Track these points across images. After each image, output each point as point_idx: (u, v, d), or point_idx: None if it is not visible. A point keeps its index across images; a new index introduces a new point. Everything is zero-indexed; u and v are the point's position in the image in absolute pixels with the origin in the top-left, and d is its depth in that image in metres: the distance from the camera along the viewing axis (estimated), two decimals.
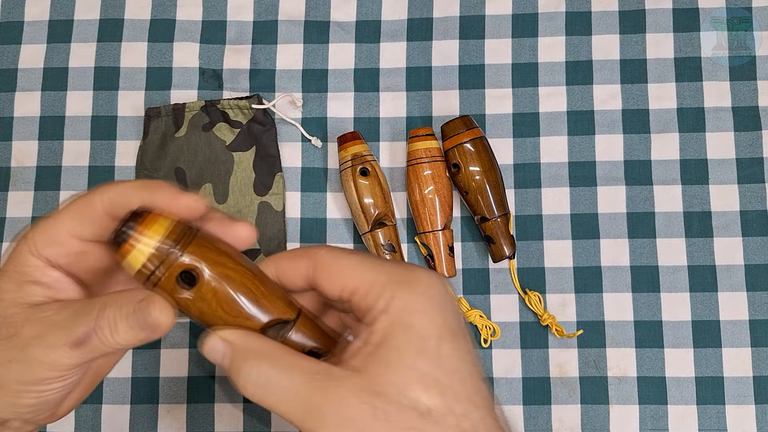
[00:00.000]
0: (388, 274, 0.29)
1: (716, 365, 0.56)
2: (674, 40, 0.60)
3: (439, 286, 0.29)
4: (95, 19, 0.62)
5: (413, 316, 0.28)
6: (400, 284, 0.29)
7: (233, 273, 0.29)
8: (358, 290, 0.29)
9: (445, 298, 0.29)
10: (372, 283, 0.29)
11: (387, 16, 0.62)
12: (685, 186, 0.58)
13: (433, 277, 0.30)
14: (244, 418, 0.57)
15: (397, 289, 0.29)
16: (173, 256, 0.29)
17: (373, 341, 0.28)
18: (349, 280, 0.30)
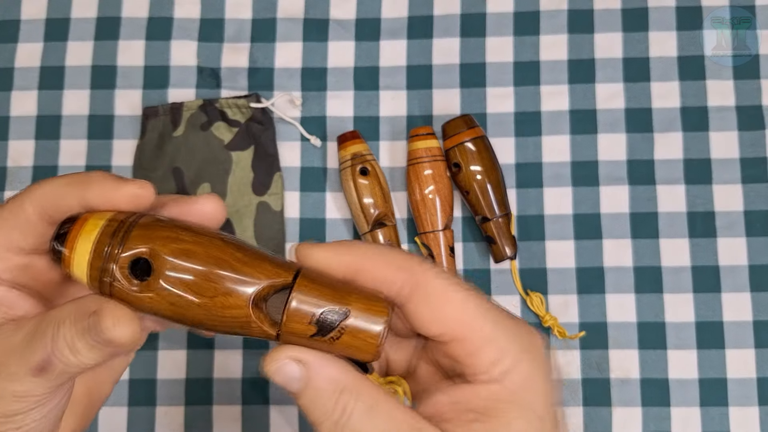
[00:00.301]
0: (507, 334, 0.25)
1: (720, 367, 0.56)
2: (677, 38, 0.60)
3: (547, 351, 0.26)
4: (92, 18, 0.62)
5: (535, 396, 0.25)
6: (523, 351, 0.25)
7: (194, 246, 0.25)
8: (467, 342, 0.25)
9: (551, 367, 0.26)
10: (487, 340, 0.24)
11: (387, 14, 0.61)
12: (689, 186, 0.58)
13: (543, 339, 0.26)
14: (242, 421, 0.56)
15: (519, 357, 0.24)
16: (115, 252, 0.25)
17: (478, 408, 0.24)
18: (457, 325, 0.25)
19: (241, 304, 0.25)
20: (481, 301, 0.25)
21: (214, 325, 0.25)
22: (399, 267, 0.26)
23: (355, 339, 0.25)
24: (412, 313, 0.26)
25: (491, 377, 0.24)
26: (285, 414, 0.56)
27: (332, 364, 0.25)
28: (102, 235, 0.25)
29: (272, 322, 0.25)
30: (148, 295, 0.25)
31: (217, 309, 0.25)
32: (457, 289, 0.25)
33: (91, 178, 0.26)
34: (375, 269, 0.26)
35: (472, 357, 0.25)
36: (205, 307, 0.25)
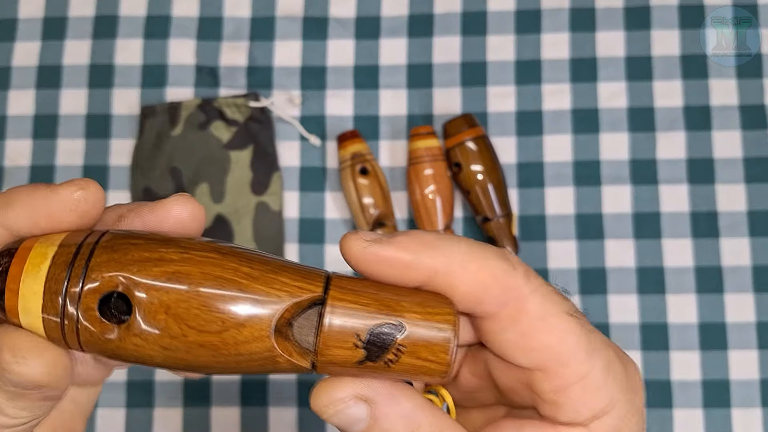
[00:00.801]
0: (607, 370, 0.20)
1: (722, 368, 0.55)
2: (680, 36, 0.60)
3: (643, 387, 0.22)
4: (90, 16, 0.62)
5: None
6: (620, 390, 0.21)
7: (184, 265, 0.19)
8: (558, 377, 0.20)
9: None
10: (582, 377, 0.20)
11: (387, 12, 0.61)
12: (692, 185, 0.58)
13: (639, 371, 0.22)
14: (241, 422, 0.56)
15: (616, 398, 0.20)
16: (75, 289, 0.18)
17: None
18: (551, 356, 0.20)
19: (260, 335, 0.19)
20: (583, 330, 0.20)
21: (227, 368, 0.19)
22: (496, 276, 0.20)
23: (418, 359, 0.19)
24: (494, 332, 0.21)
25: (578, 419, 0.20)
26: (284, 416, 0.56)
27: (404, 398, 0.19)
28: (53, 267, 0.19)
29: (303, 351, 0.19)
30: (132, 342, 0.19)
31: (228, 347, 0.19)
32: (560, 315, 0.20)
33: (12, 193, 0.20)
34: (465, 277, 0.20)
35: (559, 394, 0.20)
36: (212, 347, 0.19)
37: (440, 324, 0.19)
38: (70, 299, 0.18)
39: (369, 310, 0.19)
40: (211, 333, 0.19)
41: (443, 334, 0.19)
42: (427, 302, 0.20)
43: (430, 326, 0.19)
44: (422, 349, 0.19)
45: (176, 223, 0.21)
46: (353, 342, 0.19)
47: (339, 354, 0.19)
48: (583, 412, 0.20)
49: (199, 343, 0.19)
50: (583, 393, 0.20)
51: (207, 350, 0.19)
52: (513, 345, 0.20)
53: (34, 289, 0.19)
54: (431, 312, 0.19)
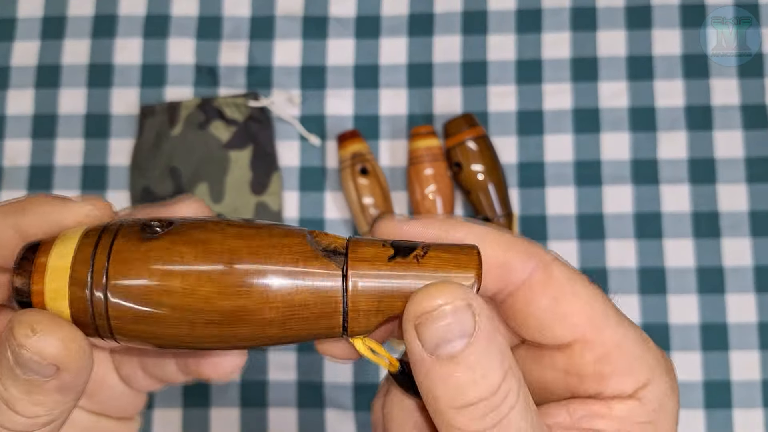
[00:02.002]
0: (638, 342, 0.20)
1: (724, 368, 0.55)
2: (681, 36, 0.60)
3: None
4: (89, 15, 0.62)
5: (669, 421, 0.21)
6: (657, 365, 0.21)
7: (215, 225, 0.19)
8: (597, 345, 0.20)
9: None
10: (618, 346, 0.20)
11: (387, 11, 0.61)
12: (693, 185, 0.58)
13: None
14: (240, 424, 0.56)
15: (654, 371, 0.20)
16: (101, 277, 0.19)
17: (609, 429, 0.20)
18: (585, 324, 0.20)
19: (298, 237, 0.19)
20: (607, 301, 0.21)
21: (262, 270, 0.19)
22: (520, 244, 0.20)
23: (447, 252, 0.19)
24: (527, 303, 0.20)
25: (625, 391, 0.20)
26: (284, 417, 0.56)
27: (499, 332, 0.18)
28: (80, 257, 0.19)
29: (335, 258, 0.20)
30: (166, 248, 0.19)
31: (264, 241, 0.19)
32: (584, 284, 0.20)
33: (27, 201, 0.20)
34: (495, 252, 0.20)
35: (601, 363, 0.20)
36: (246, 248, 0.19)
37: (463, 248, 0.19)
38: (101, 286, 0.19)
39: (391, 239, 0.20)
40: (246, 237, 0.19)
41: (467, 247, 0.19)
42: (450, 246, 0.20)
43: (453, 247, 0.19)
44: (449, 247, 0.19)
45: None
46: (381, 243, 0.19)
47: (368, 251, 0.19)
48: (629, 381, 0.20)
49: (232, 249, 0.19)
50: (624, 360, 0.20)
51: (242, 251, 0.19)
52: (549, 314, 0.20)
53: (60, 287, 0.19)
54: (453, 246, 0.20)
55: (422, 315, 0.17)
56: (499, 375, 0.17)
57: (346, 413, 0.56)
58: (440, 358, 0.17)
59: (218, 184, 0.58)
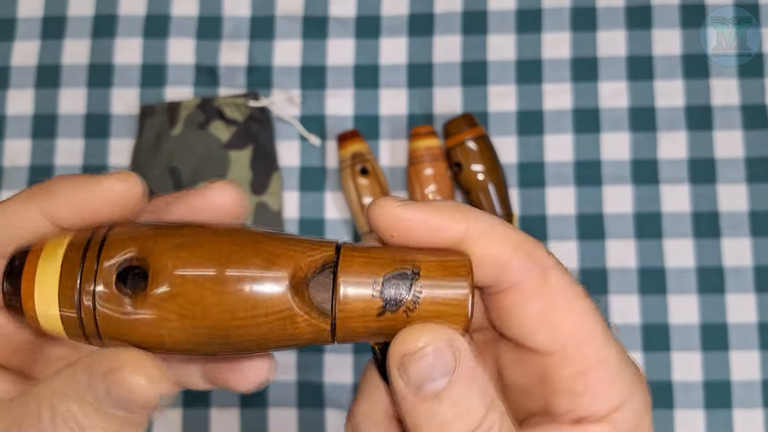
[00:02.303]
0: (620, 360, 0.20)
1: (724, 369, 0.55)
2: (681, 36, 0.60)
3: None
4: (89, 15, 0.62)
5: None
6: (633, 383, 0.20)
7: (196, 238, 0.19)
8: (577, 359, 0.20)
9: None
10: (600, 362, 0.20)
11: (387, 11, 0.61)
12: (693, 185, 0.58)
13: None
14: (240, 424, 0.56)
15: (630, 390, 0.20)
16: (92, 265, 0.19)
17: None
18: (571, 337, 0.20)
19: (278, 292, 0.19)
20: (598, 317, 0.20)
21: (244, 336, 0.19)
22: (522, 243, 0.20)
23: (436, 304, 0.19)
24: (516, 305, 0.20)
25: (597, 411, 0.20)
26: (284, 417, 0.56)
27: (481, 368, 0.18)
28: (69, 251, 0.19)
29: (322, 312, 0.19)
30: (149, 312, 0.18)
31: (246, 305, 0.19)
32: (579, 296, 0.20)
33: (55, 183, 0.20)
34: (486, 244, 0.20)
35: (578, 379, 0.20)
36: (230, 306, 0.18)
37: (456, 266, 0.19)
38: (88, 275, 0.19)
39: (382, 260, 0.19)
40: (228, 292, 0.18)
41: (460, 276, 0.19)
42: (440, 252, 0.19)
43: (445, 270, 0.19)
44: (440, 295, 0.19)
45: (222, 207, 0.21)
46: (370, 293, 0.19)
47: (357, 306, 0.19)
48: (602, 402, 0.20)
49: (216, 304, 0.18)
50: (601, 379, 0.20)
51: (224, 311, 0.18)
52: (534, 320, 0.20)
53: (51, 271, 0.19)
54: (445, 258, 0.19)
55: (405, 356, 0.18)
56: (481, 410, 0.18)
57: (345, 413, 0.56)
58: (424, 395, 0.18)
59: None
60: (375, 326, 0.19)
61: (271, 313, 0.19)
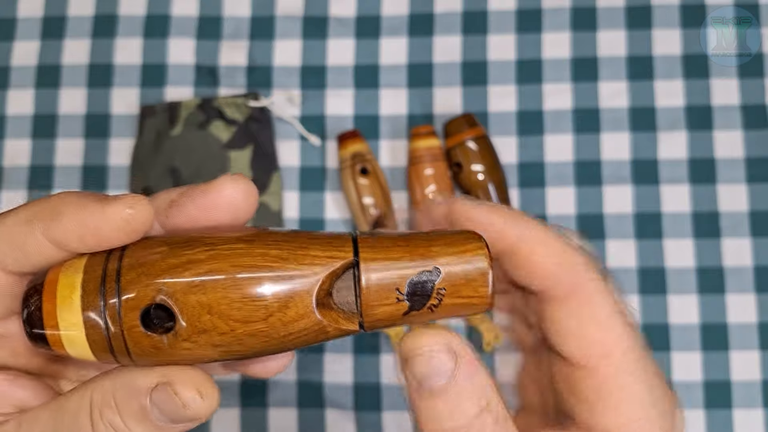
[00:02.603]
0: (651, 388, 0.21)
1: (724, 369, 0.55)
2: (681, 36, 0.60)
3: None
4: (89, 15, 0.62)
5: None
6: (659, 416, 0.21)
7: (213, 262, 0.19)
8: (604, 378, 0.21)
9: None
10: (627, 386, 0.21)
11: (387, 11, 0.61)
12: (693, 185, 0.58)
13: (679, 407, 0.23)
14: (240, 423, 0.56)
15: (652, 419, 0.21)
16: (114, 312, 0.19)
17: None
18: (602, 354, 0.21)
19: (305, 312, 0.19)
20: (637, 339, 0.21)
21: (283, 347, 0.20)
22: (575, 259, 0.21)
23: (459, 297, 0.20)
24: (557, 317, 0.21)
25: (610, 427, 0.21)
26: (284, 417, 0.56)
27: (482, 366, 0.20)
28: (85, 296, 0.19)
29: (349, 316, 0.20)
30: (183, 347, 0.19)
31: (278, 330, 0.19)
32: (620, 316, 0.21)
33: (60, 205, 0.19)
34: (548, 251, 0.21)
35: (599, 395, 0.21)
36: (262, 334, 0.19)
37: (474, 258, 0.20)
38: (111, 321, 0.19)
39: (403, 261, 0.20)
40: (258, 321, 0.19)
41: (479, 267, 0.20)
42: (457, 241, 0.20)
43: (464, 263, 0.20)
44: (462, 288, 0.20)
45: (229, 204, 0.20)
46: (395, 297, 0.20)
47: (384, 311, 0.20)
48: (617, 419, 0.21)
49: (248, 334, 0.19)
50: (623, 403, 0.21)
51: (258, 338, 0.19)
52: (567, 331, 0.21)
53: (72, 321, 0.19)
54: (462, 249, 0.20)
55: (409, 357, 0.20)
56: (473, 410, 0.19)
57: (346, 413, 0.56)
58: (423, 391, 0.19)
59: None
60: (401, 322, 0.20)
61: (303, 330, 0.19)
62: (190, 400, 0.18)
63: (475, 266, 0.20)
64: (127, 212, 0.19)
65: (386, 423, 0.56)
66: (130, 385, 0.19)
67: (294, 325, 0.19)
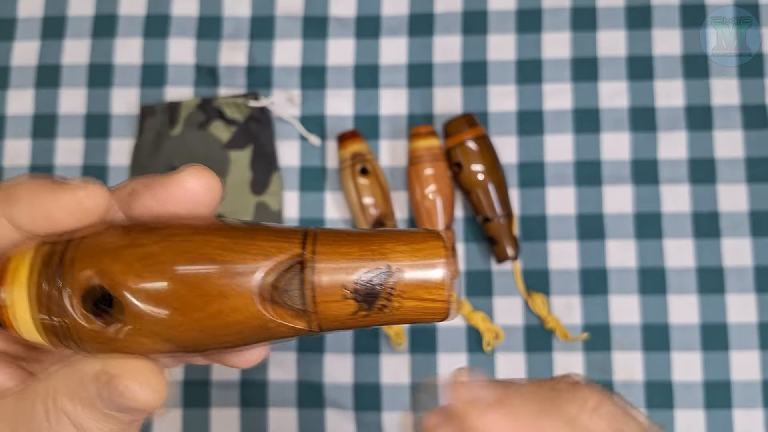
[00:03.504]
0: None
1: (724, 369, 0.55)
2: (681, 36, 0.60)
3: None
4: (89, 15, 0.62)
5: None
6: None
7: (156, 247, 0.19)
8: None
9: None
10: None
11: (387, 11, 0.61)
12: (693, 185, 0.58)
13: None
14: (240, 423, 0.56)
15: None
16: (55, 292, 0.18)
17: None
18: None
19: (245, 303, 0.18)
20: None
21: (223, 342, 0.19)
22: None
23: (413, 299, 0.18)
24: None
25: None
26: (284, 417, 0.56)
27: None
28: (32, 276, 0.19)
29: (297, 313, 0.19)
30: (128, 334, 0.18)
31: (217, 321, 0.18)
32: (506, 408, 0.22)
33: (17, 190, 0.19)
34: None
35: None
36: (202, 323, 0.18)
37: (430, 259, 0.18)
38: (55, 304, 0.18)
39: (351, 257, 0.18)
40: (197, 310, 0.18)
41: (434, 270, 0.18)
42: (414, 239, 0.19)
43: (418, 264, 0.18)
44: (416, 289, 0.18)
45: (190, 197, 0.20)
46: (341, 294, 0.18)
47: (332, 309, 0.19)
48: None
49: (189, 323, 0.18)
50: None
51: (198, 328, 0.18)
52: None
53: (20, 304, 0.19)
54: (418, 248, 0.18)
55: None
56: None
57: (346, 413, 0.56)
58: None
59: None
60: (354, 323, 0.19)
61: (244, 323, 0.18)
62: (128, 389, 0.18)
63: (431, 266, 0.18)
64: (79, 197, 0.19)
65: (386, 423, 0.56)
66: (80, 372, 0.19)
67: (234, 316, 0.18)
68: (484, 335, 0.56)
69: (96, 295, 0.19)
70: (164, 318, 0.18)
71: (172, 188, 0.20)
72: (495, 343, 0.56)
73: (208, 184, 0.20)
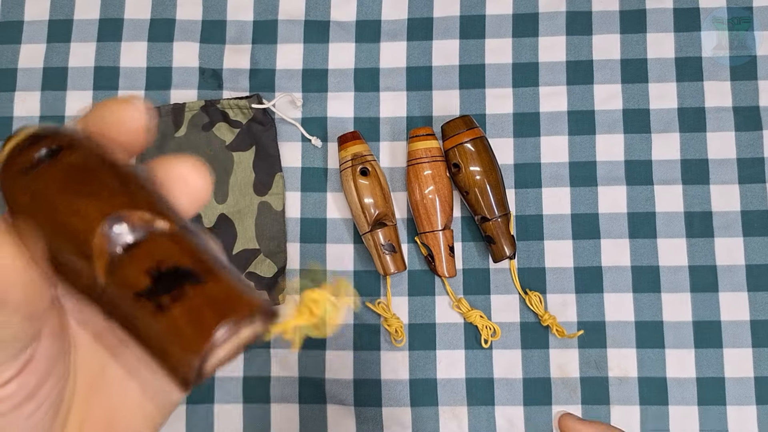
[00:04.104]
0: None
1: (717, 366, 0.56)
2: (675, 39, 0.60)
3: None
4: (95, 19, 0.62)
5: None
6: None
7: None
8: None
9: None
10: None
11: (387, 16, 0.61)
12: (686, 186, 0.58)
13: None
14: (243, 419, 0.56)
15: None
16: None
17: None
18: None
19: (93, 214, 0.17)
20: None
21: (54, 232, 0.18)
22: None
23: (190, 317, 0.16)
24: None
25: None
26: (286, 412, 0.57)
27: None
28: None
29: (111, 262, 0.17)
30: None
31: (67, 204, 0.18)
32: None
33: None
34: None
35: None
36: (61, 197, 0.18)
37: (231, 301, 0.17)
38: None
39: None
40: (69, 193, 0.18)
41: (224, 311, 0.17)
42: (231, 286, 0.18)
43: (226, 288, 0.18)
44: (204, 310, 0.17)
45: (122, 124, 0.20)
46: (147, 266, 0.17)
47: (130, 274, 0.17)
48: None
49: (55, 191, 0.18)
50: None
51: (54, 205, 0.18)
52: None
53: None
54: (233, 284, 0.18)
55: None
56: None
57: (347, 408, 0.56)
58: None
59: (222, 184, 0.58)
60: (129, 306, 0.17)
61: (78, 230, 0.18)
62: None
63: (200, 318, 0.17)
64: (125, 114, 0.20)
65: (386, 418, 0.56)
66: None
67: (75, 218, 0.18)
68: (481, 332, 0.56)
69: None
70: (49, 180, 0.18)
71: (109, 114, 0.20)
72: (492, 340, 0.56)
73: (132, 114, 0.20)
